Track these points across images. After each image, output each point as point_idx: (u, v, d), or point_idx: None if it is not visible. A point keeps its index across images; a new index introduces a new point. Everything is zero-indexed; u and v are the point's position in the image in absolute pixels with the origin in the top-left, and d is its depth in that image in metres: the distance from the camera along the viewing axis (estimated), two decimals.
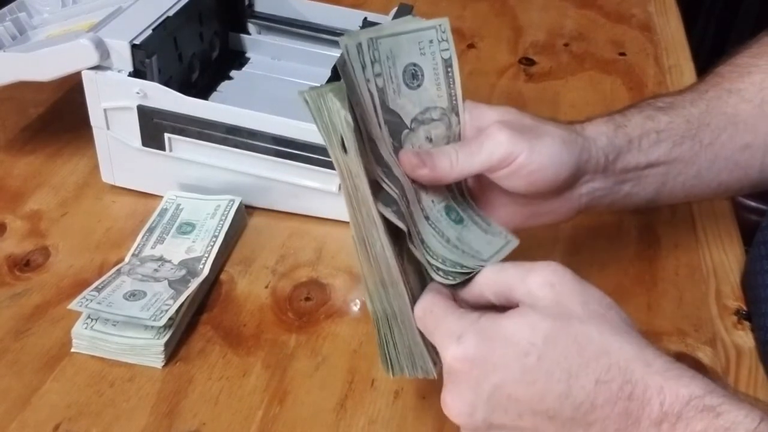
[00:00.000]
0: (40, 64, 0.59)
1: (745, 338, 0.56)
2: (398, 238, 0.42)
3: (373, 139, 0.42)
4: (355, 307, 0.56)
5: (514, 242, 0.45)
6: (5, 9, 0.66)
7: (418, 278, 0.43)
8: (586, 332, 0.36)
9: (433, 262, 0.42)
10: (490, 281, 0.41)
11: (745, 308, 0.59)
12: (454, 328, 0.39)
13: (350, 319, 0.55)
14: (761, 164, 0.53)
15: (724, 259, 0.63)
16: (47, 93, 0.75)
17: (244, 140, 0.59)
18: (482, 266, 0.42)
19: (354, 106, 0.40)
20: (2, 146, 0.70)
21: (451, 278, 0.42)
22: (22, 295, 0.55)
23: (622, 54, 0.93)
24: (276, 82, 0.72)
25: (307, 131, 0.58)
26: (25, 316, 0.53)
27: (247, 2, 0.75)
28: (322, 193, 0.61)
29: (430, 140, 0.46)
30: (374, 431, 0.48)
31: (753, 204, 1.10)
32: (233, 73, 0.74)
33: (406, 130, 0.45)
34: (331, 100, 0.39)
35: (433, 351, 0.42)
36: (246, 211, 0.63)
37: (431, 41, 0.45)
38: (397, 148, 0.44)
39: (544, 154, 0.45)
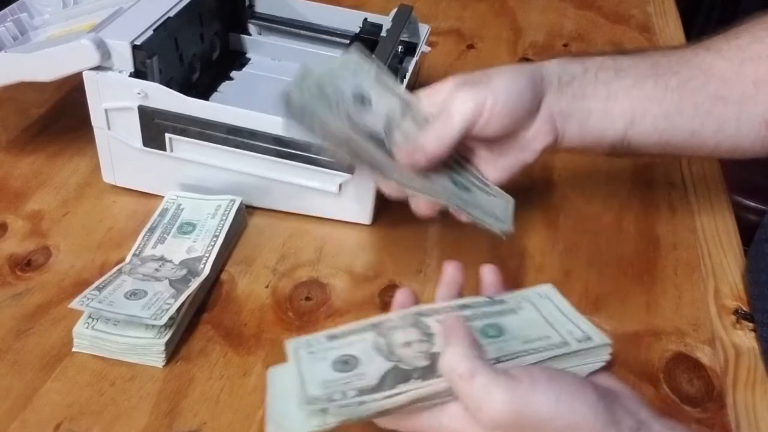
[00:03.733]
0: (42, 65, 0.60)
1: (744, 338, 0.56)
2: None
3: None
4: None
5: (512, 201, 0.53)
6: (6, 10, 0.66)
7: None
8: None
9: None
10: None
11: (744, 308, 0.59)
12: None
13: (350, 319, 0.55)
14: (737, 121, 0.52)
15: (723, 259, 0.64)
16: (48, 93, 0.75)
17: (245, 140, 0.59)
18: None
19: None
20: (4, 147, 0.70)
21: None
22: (23, 295, 0.55)
23: None
24: (276, 83, 0.72)
25: None
26: (26, 315, 0.54)
27: (247, 3, 0.75)
28: (322, 193, 0.62)
29: (406, 136, 0.50)
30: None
31: (752, 204, 1.10)
32: (234, 73, 0.74)
33: (383, 137, 0.50)
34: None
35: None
36: (246, 211, 0.63)
37: (353, 69, 0.52)
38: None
39: (504, 88, 0.49)
